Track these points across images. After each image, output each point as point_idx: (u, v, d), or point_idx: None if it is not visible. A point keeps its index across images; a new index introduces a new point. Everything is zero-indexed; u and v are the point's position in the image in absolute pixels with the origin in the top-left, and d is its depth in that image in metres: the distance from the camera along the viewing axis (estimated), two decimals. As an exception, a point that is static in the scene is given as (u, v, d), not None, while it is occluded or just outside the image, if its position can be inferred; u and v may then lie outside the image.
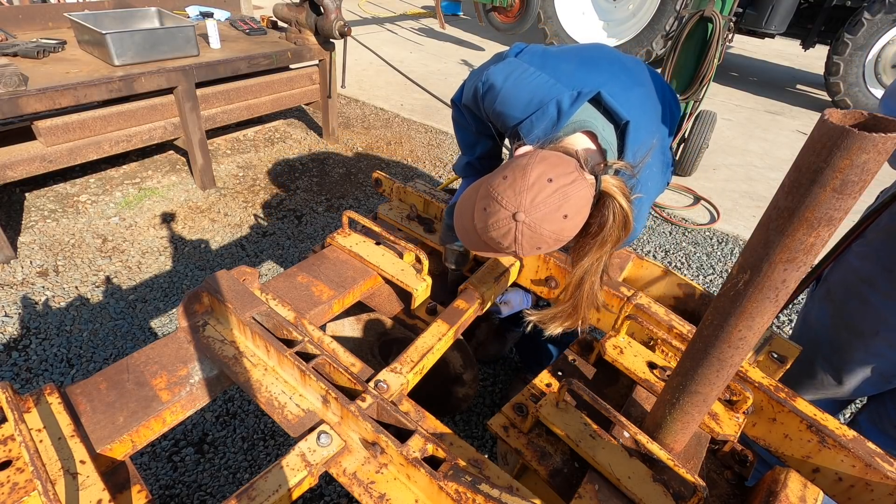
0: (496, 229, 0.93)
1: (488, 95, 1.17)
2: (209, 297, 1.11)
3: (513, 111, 1.12)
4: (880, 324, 1.28)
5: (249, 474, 1.82)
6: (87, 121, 2.71)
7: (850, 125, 0.47)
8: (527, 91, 1.10)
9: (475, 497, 0.78)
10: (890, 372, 1.33)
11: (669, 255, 3.31)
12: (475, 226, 0.98)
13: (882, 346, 1.30)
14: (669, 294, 1.35)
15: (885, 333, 1.28)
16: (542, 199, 0.89)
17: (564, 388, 0.95)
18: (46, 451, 0.81)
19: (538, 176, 0.90)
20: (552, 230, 0.91)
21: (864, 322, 1.32)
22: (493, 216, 0.93)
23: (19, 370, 2.09)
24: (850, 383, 1.40)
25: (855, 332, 1.34)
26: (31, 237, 2.81)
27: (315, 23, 3.48)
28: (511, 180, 0.92)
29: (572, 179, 0.91)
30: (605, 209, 0.95)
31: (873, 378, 1.36)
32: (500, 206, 0.91)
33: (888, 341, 1.29)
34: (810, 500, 0.83)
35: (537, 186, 0.90)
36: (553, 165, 0.92)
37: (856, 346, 1.34)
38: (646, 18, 6.55)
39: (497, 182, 0.93)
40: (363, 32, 7.95)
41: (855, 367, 1.37)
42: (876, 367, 1.33)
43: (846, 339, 1.36)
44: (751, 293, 0.62)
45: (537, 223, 0.90)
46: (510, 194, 0.91)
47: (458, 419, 2.10)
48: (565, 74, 1.10)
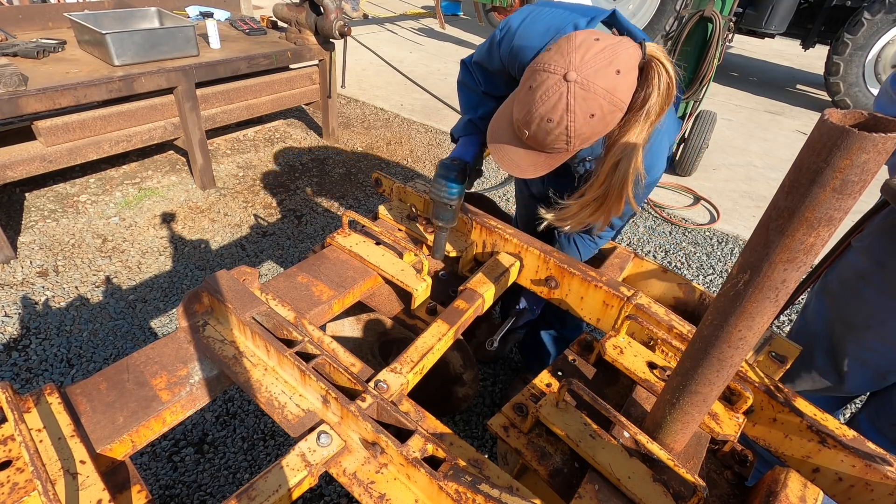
0: (545, 101, 0.90)
1: (506, 38, 1.20)
2: (209, 297, 1.11)
3: (531, 41, 1.14)
4: (871, 318, 1.30)
5: (249, 474, 1.82)
6: (87, 121, 2.71)
7: (850, 125, 0.47)
8: (543, 23, 1.14)
9: (475, 497, 0.78)
10: (884, 367, 1.34)
11: (669, 255, 3.31)
12: (517, 119, 0.95)
13: (873, 340, 1.31)
14: (669, 294, 1.35)
15: (876, 327, 1.30)
16: (592, 56, 0.88)
17: (564, 388, 0.95)
18: (46, 451, 0.81)
19: (584, 38, 0.90)
20: (605, 87, 0.88)
21: (856, 315, 1.33)
22: (540, 87, 0.90)
23: (19, 370, 2.09)
24: (847, 378, 1.41)
25: (848, 325, 1.36)
26: (31, 237, 2.81)
27: (315, 23, 3.48)
28: (556, 47, 0.90)
29: (618, 40, 0.90)
30: (650, 76, 0.93)
31: (868, 373, 1.37)
32: (549, 72, 0.89)
33: (879, 335, 1.30)
34: (810, 500, 0.83)
35: (585, 45, 0.89)
36: (595, 32, 0.92)
37: (849, 339, 1.36)
38: (646, 18, 6.55)
39: (541, 56, 0.92)
40: (363, 32, 7.95)
41: (849, 362, 1.38)
42: (869, 361, 1.35)
43: (840, 332, 1.37)
44: (751, 293, 0.62)
45: (590, 79, 0.87)
46: (558, 58, 0.89)
47: (458, 419, 2.10)
48: (578, 8, 1.15)
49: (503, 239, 1.40)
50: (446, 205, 1.33)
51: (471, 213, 1.47)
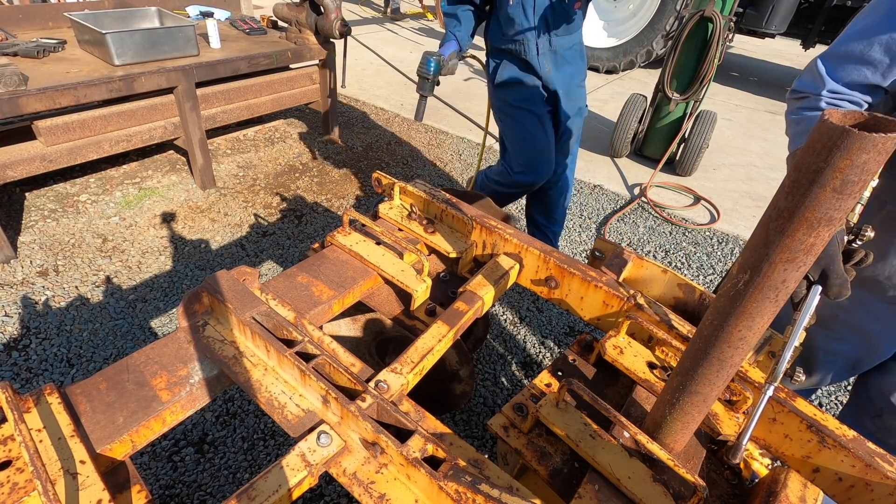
0: None
1: None
2: (209, 297, 1.11)
3: None
4: (836, 307, 1.32)
5: (249, 474, 1.82)
6: (87, 120, 2.71)
7: (850, 125, 0.47)
8: None
9: (475, 497, 0.78)
10: (853, 357, 1.35)
11: (669, 255, 3.31)
12: None
13: (842, 329, 1.34)
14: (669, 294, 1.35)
15: (844, 316, 1.32)
16: None
17: (564, 388, 0.95)
18: (46, 451, 0.81)
19: None
20: None
21: (822, 307, 1.35)
22: None
23: (19, 370, 2.09)
24: (819, 370, 1.43)
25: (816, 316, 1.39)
26: (31, 237, 2.81)
27: (315, 22, 3.48)
28: None
29: None
30: None
31: (839, 364, 1.39)
32: None
33: (848, 325, 1.32)
34: (810, 500, 0.83)
35: None
36: None
37: (817, 332, 1.38)
38: (646, 18, 6.55)
39: None
40: (363, 32, 7.95)
41: (821, 355, 1.40)
42: (839, 352, 1.36)
43: None
44: (751, 293, 0.62)
45: None
46: None
47: (458, 419, 2.10)
48: None
49: (503, 239, 1.40)
50: (426, 78, 2.19)
51: (471, 214, 1.47)
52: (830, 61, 1.17)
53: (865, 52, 1.11)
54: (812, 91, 1.19)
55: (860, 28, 1.13)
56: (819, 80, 1.18)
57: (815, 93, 1.18)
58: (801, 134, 1.19)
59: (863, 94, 1.17)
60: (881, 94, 1.18)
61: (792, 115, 1.26)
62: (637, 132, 4.38)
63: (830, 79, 1.16)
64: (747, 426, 0.89)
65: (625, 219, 3.66)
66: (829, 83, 1.16)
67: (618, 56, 6.94)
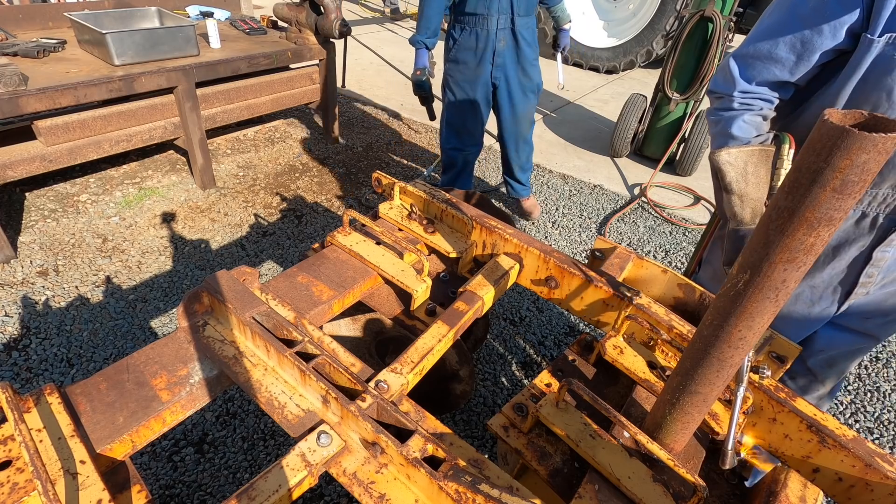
0: None
1: None
2: (209, 297, 1.11)
3: None
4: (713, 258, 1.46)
5: (249, 474, 1.82)
6: (88, 120, 2.71)
7: (850, 125, 0.47)
8: None
9: (475, 497, 0.78)
10: None
11: (669, 255, 3.31)
12: None
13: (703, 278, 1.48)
14: (669, 294, 1.35)
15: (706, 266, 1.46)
16: None
17: (564, 388, 0.94)
18: (46, 451, 0.81)
19: None
20: None
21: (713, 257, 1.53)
22: None
23: (19, 370, 2.09)
24: None
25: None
26: (31, 237, 2.82)
27: (315, 22, 3.48)
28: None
29: None
30: None
31: None
32: None
33: (708, 274, 1.46)
34: (810, 500, 0.83)
35: None
36: None
37: None
38: (646, 18, 6.55)
39: None
40: (363, 32, 7.94)
41: None
42: None
43: None
44: (751, 293, 0.62)
45: None
46: None
47: (458, 419, 2.10)
48: None
49: (503, 239, 1.40)
50: (426, 97, 2.92)
51: (471, 214, 1.47)
52: (740, 61, 1.19)
53: (772, 50, 1.12)
54: (725, 91, 1.22)
55: (766, 27, 1.15)
56: (731, 80, 1.20)
57: (727, 93, 1.22)
58: (720, 135, 1.23)
59: (773, 91, 1.19)
60: (791, 90, 1.20)
61: (710, 115, 1.29)
62: (637, 132, 4.38)
63: (742, 79, 1.19)
64: (728, 432, 0.89)
65: (625, 219, 3.67)
66: (741, 83, 1.19)
67: (618, 56, 6.95)
